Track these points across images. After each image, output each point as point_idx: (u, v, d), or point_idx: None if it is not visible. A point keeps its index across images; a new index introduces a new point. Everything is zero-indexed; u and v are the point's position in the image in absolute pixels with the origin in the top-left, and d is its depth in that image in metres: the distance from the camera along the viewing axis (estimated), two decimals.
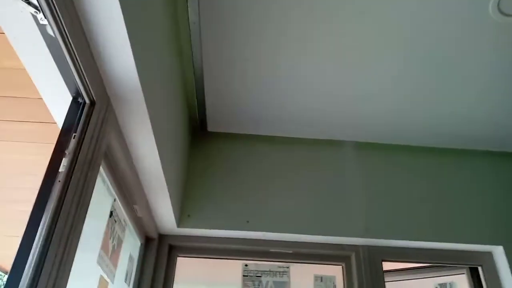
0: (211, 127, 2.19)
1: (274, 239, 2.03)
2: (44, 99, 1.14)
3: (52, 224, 0.89)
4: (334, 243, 2.05)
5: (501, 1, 1.45)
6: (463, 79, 1.81)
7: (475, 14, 1.50)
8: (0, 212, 2.19)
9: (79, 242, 1.08)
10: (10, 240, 2.50)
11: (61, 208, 0.91)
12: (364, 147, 2.27)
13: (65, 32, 0.86)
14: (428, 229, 2.04)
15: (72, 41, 0.88)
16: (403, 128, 2.17)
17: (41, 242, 0.85)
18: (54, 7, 0.80)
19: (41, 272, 0.83)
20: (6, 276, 0.84)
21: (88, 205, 1.04)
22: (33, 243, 0.85)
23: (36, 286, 0.81)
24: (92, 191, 1.07)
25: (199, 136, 2.23)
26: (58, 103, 1.12)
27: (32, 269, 0.82)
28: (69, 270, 0.94)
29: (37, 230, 0.88)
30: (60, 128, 1.04)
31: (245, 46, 1.66)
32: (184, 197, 2.03)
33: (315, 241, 2.04)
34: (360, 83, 1.86)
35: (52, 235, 0.88)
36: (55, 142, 1.00)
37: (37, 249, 0.84)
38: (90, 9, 0.87)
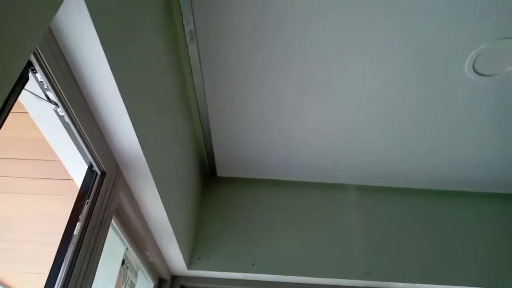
0: (220, 173, 2.37)
1: (278, 281, 2.14)
2: (65, 167, 1.35)
3: (67, 278, 1.07)
4: (336, 284, 2.14)
5: (476, 61, 1.57)
6: (443, 127, 1.92)
7: (453, 74, 1.63)
8: (32, 252, 2.42)
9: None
10: (38, 277, 2.73)
11: (74, 265, 1.09)
12: (366, 190, 2.38)
13: (77, 120, 1.05)
14: (429, 271, 2.10)
15: (83, 126, 1.08)
16: (403, 172, 2.27)
17: None
18: (67, 104, 1.00)
19: None
20: None
21: (99, 260, 1.22)
22: None
23: None
24: (102, 247, 1.25)
25: (210, 182, 2.40)
26: (77, 169, 1.33)
27: None
28: None
29: (55, 282, 1.06)
30: (77, 195, 1.24)
31: (248, 96, 1.80)
32: (195, 241, 2.19)
33: (318, 283, 2.14)
34: (363, 134, 1.99)
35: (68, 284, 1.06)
36: (71, 207, 1.20)
37: None
38: (99, 104, 1.07)
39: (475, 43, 1.48)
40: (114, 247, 1.53)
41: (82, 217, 1.16)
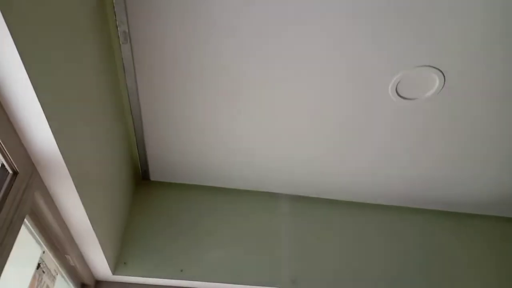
0: (154, 177, 2.34)
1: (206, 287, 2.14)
2: None
3: None
4: None
5: (398, 85, 1.68)
6: (371, 146, 2.03)
7: (379, 97, 1.73)
8: None
9: None
10: None
11: None
12: (298, 201, 2.45)
13: None
14: (354, 281, 2.19)
15: None
16: (334, 185, 2.36)
17: None
18: None
19: None
20: None
21: (4, 263, 1.16)
22: None
23: None
24: (10, 250, 1.19)
25: (142, 186, 2.36)
26: None
27: None
28: None
29: None
30: None
31: (183, 100, 1.80)
32: (122, 245, 2.14)
33: None
34: (297, 146, 2.04)
35: None
36: None
37: None
38: (8, 96, 1.02)
39: (396, 68, 1.58)
40: (28, 250, 1.46)
41: None
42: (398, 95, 1.70)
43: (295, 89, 1.72)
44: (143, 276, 2.07)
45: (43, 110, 1.06)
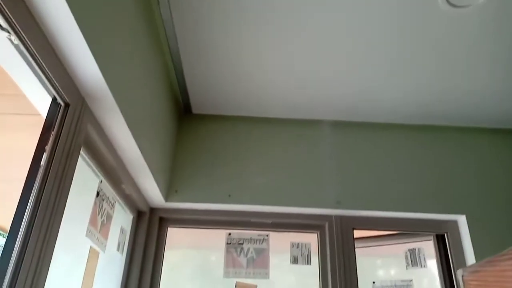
0: (195, 110, 2.37)
1: (254, 210, 2.24)
2: (30, 101, 1.34)
3: (35, 208, 1.10)
4: (309, 213, 2.24)
5: None
6: (417, 63, 1.93)
7: (427, 6, 1.60)
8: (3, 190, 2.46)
9: (68, 218, 1.31)
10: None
11: (42, 194, 1.12)
12: (338, 126, 2.43)
13: (32, 49, 1.03)
14: (396, 200, 2.21)
15: (40, 56, 1.05)
16: (376, 107, 2.30)
17: (29, 216, 1.06)
18: (20, 31, 0.97)
19: (30, 236, 1.05)
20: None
21: (69, 190, 1.25)
22: (24, 216, 1.07)
23: (27, 245, 1.04)
24: (72, 176, 1.28)
25: (185, 119, 2.41)
26: (42, 103, 1.31)
27: (23, 233, 1.04)
28: (55, 237, 1.16)
29: (25, 210, 1.09)
30: (42, 127, 1.24)
31: (222, 29, 1.77)
32: (171, 175, 2.24)
33: (291, 212, 2.24)
34: (334, 64, 1.98)
35: (37, 214, 1.09)
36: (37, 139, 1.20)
37: (26, 220, 1.06)
38: (54, 28, 1.03)
39: None
40: (87, 179, 1.56)
41: (48, 147, 1.17)
42: (448, 2, 1.57)
43: (336, 9, 1.62)
44: (194, 202, 2.18)
45: (88, 44, 1.08)
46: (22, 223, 1.06)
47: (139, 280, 2.04)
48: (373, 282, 2.32)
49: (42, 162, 1.15)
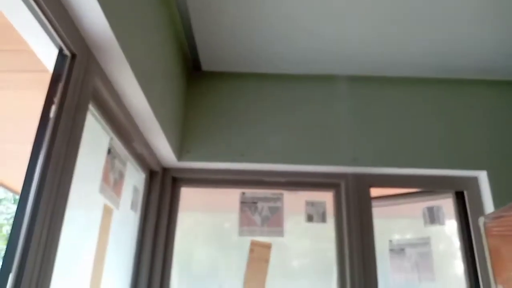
0: (205, 67, 2.29)
1: (267, 169, 2.20)
2: (36, 53, 1.28)
3: (47, 158, 1.06)
4: (324, 172, 2.20)
5: None
6: (436, 10, 1.81)
7: None
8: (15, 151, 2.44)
9: (81, 175, 1.28)
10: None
11: (53, 146, 1.08)
12: (354, 81, 2.34)
13: None
14: (414, 156, 2.15)
15: (45, 3, 0.99)
16: (394, 61, 2.20)
17: (40, 171, 1.03)
18: None
19: (42, 192, 1.02)
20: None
21: (79, 141, 1.22)
22: (34, 172, 1.04)
23: (40, 200, 1.01)
24: (82, 130, 1.24)
25: (194, 76, 2.34)
26: (49, 57, 1.25)
27: (35, 191, 1.01)
28: (68, 191, 1.14)
29: (36, 165, 1.06)
30: (50, 79, 1.18)
31: None
32: (183, 134, 2.20)
33: (306, 171, 2.20)
34: (349, 16, 1.87)
35: (48, 167, 1.06)
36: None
37: (38, 176, 1.03)
38: None
39: None
40: (98, 136, 1.52)
41: (56, 99, 1.12)
42: None
43: None
44: (206, 161, 2.14)
45: None
46: (34, 177, 1.03)
47: (153, 239, 2.04)
48: (390, 241, 2.30)
49: (52, 115, 1.11)
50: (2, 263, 0.95)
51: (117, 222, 1.70)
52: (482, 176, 2.15)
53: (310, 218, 2.19)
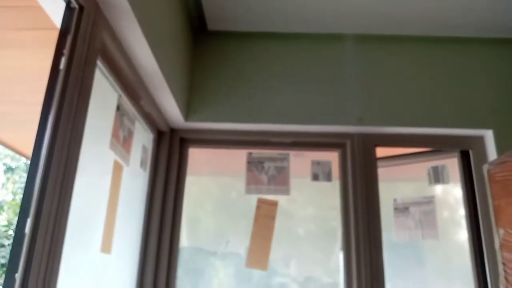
0: (210, 26, 2.27)
1: (274, 130, 2.22)
2: (44, 7, 1.28)
3: (59, 110, 1.09)
4: (330, 131, 2.21)
5: None
6: None
7: None
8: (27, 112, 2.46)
9: (91, 131, 1.30)
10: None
11: (64, 98, 1.10)
12: (360, 40, 2.31)
13: None
14: (420, 115, 2.16)
15: None
16: (398, 18, 2.17)
17: (53, 123, 1.06)
18: None
19: (55, 144, 1.05)
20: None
21: (89, 95, 1.24)
22: (46, 126, 1.06)
23: (53, 152, 1.04)
24: (91, 83, 1.26)
25: (200, 36, 2.33)
26: (57, 11, 1.26)
27: (48, 143, 1.04)
28: (79, 146, 1.18)
29: (48, 116, 1.08)
30: (58, 32, 1.19)
31: None
32: (190, 94, 2.21)
33: (312, 131, 2.21)
34: None
35: (60, 117, 1.08)
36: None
37: (50, 128, 1.05)
38: None
39: None
40: (107, 93, 1.53)
41: (66, 51, 1.14)
42: None
43: None
44: (213, 121, 2.16)
45: None
46: (46, 130, 1.05)
47: (163, 196, 2.09)
48: (394, 200, 2.34)
49: (61, 66, 1.12)
50: (17, 222, 0.98)
51: (127, 179, 1.74)
52: (488, 135, 2.15)
53: (315, 177, 2.23)
